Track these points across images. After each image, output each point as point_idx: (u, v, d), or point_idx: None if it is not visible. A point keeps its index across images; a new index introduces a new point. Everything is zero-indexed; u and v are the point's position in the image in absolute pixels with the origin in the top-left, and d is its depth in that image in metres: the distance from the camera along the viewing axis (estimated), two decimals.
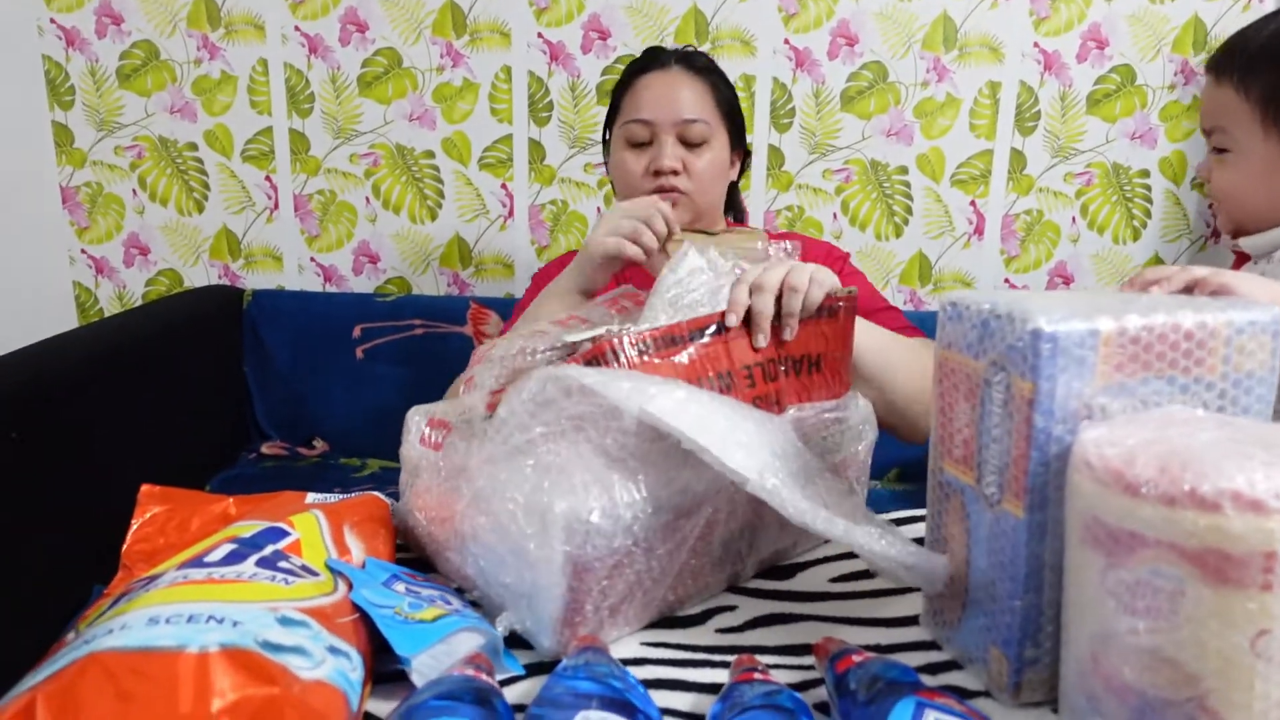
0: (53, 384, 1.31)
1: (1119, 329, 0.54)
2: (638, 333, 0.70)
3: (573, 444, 0.64)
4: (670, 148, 1.13)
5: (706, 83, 1.16)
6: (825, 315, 0.78)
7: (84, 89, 1.86)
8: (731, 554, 0.73)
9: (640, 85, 1.16)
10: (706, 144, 1.14)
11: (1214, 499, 0.44)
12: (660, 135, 1.13)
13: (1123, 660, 0.48)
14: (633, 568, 0.64)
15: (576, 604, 0.62)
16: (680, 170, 1.13)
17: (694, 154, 1.14)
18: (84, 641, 0.48)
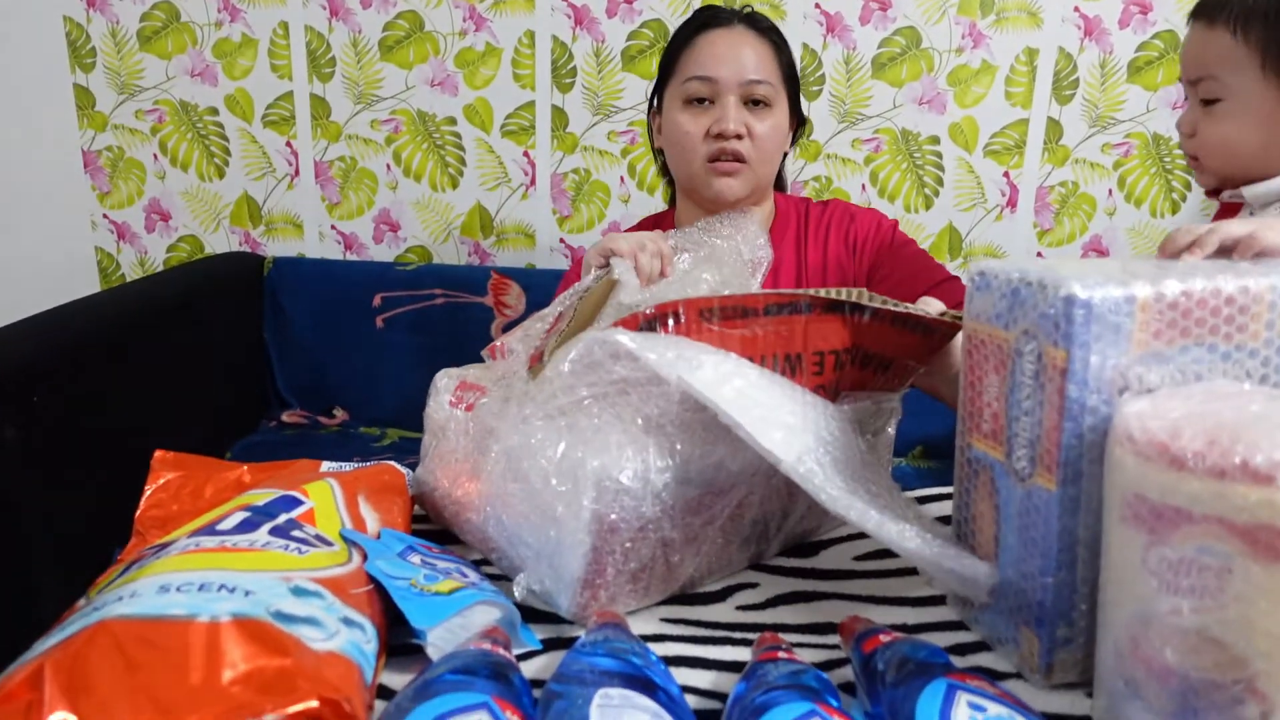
0: (74, 349, 1.31)
1: (1156, 294, 0.52)
2: (705, 298, 0.67)
3: (614, 407, 0.62)
4: (734, 110, 1.06)
5: (770, 44, 1.10)
6: (919, 330, 0.73)
7: (105, 51, 1.85)
8: (758, 533, 0.71)
9: (703, 41, 1.09)
10: (770, 108, 1.08)
11: (1268, 471, 0.42)
12: (723, 95, 1.06)
13: (1164, 642, 0.46)
14: (658, 535, 0.62)
15: (599, 565, 0.61)
16: (745, 134, 1.06)
17: (757, 118, 1.07)
18: (94, 609, 0.47)
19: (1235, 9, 0.78)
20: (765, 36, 1.10)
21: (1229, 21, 0.78)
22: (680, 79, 1.10)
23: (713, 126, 1.07)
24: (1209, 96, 0.81)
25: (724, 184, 1.08)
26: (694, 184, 1.11)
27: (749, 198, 1.11)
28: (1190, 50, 0.82)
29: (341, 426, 1.81)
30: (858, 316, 0.70)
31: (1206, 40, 0.80)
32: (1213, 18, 0.79)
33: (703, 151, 1.08)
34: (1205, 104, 0.82)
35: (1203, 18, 0.81)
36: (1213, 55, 0.79)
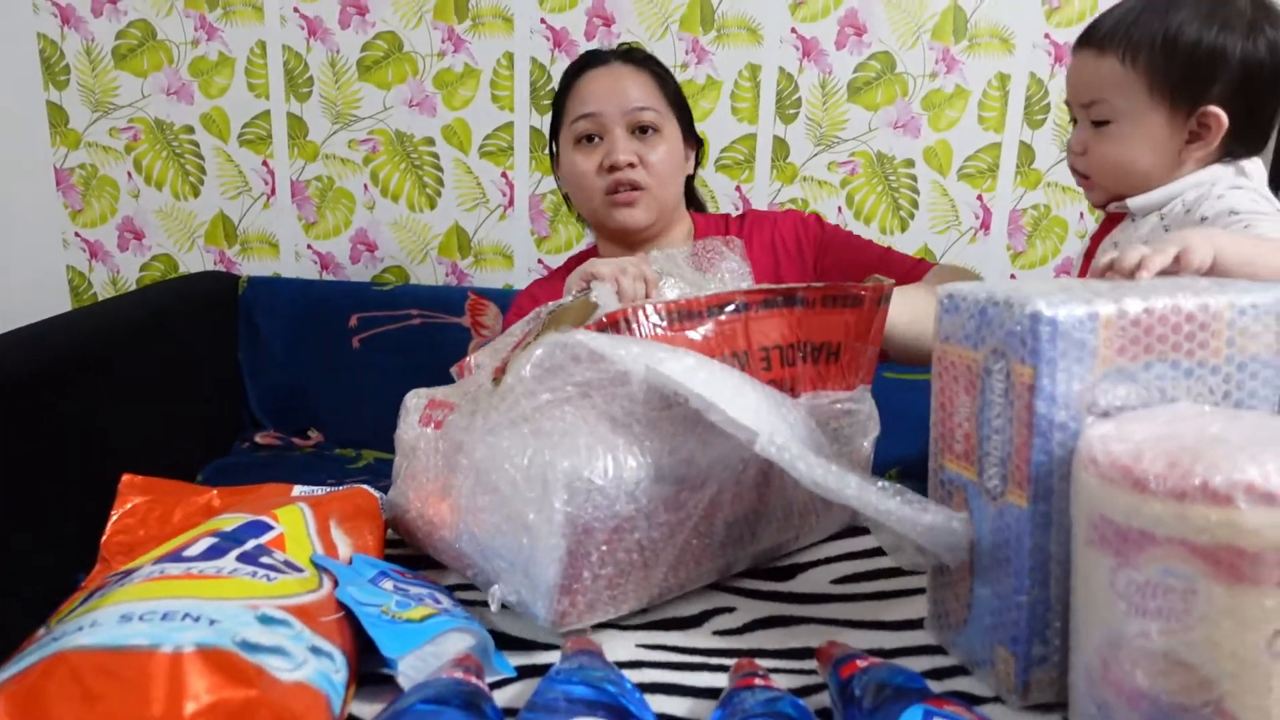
0: (44, 369, 1.29)
1: (1119, 311, 0.53)
2: (654, 304, 0.68)
3: (579, 409, 0.62)
4: (623, 140, 1.08)
5: (650, 73, 1.12)
6: (849, 304, 0.75)
7: (79, 68, 1.84)
8: (733, 539, 0.71)
9: (584, 81, 1.11)
10: (659, 133, 1.09)
11: (1226, 492, 0.42)
12: (610, 128, 1.08)
13: (1134, 665, 0.46)
14: (633, 535, 0.62)
15: (574, 570, 0.60)
16: (636, 163, 1.07)
17: (647, 145, 1.09)
18: (52, 639, 0.46)
19: (1123, 39, 0.83)
20: (644, 67, 1.13)
21: (1118, 50, 0.83)
22: (568, 120, 1.12)
23: (604, 160, 1.08)
24: (1100, 119, 0.86)
25: (625, 214, 1.09)
26: (598, 219, 1.13)
27: (655, 224, 1.12)
28: (1081, 76, 0.87)
29: (316, 448, 1.79)
30: (792, 308, 0.72)
31: (1097, 67, 0.85)
32: (1102, 46, 0.84)
33: (599, 186, 1.09)
34: (1096, 125, 0.87)
35: (1092, 46, 0.85)
36: (1103, 81, 0.84)
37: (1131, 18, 0.83)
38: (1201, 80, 0.82)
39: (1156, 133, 0.84)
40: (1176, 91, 0.82)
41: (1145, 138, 0.84)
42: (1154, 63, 0.81)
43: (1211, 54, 0.81)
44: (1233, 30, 0.80)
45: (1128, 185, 0.87)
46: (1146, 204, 0.88)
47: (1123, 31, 0.83)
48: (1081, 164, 0.90)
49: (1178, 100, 0.82)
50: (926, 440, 0.66)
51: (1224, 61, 0.80)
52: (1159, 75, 0.81)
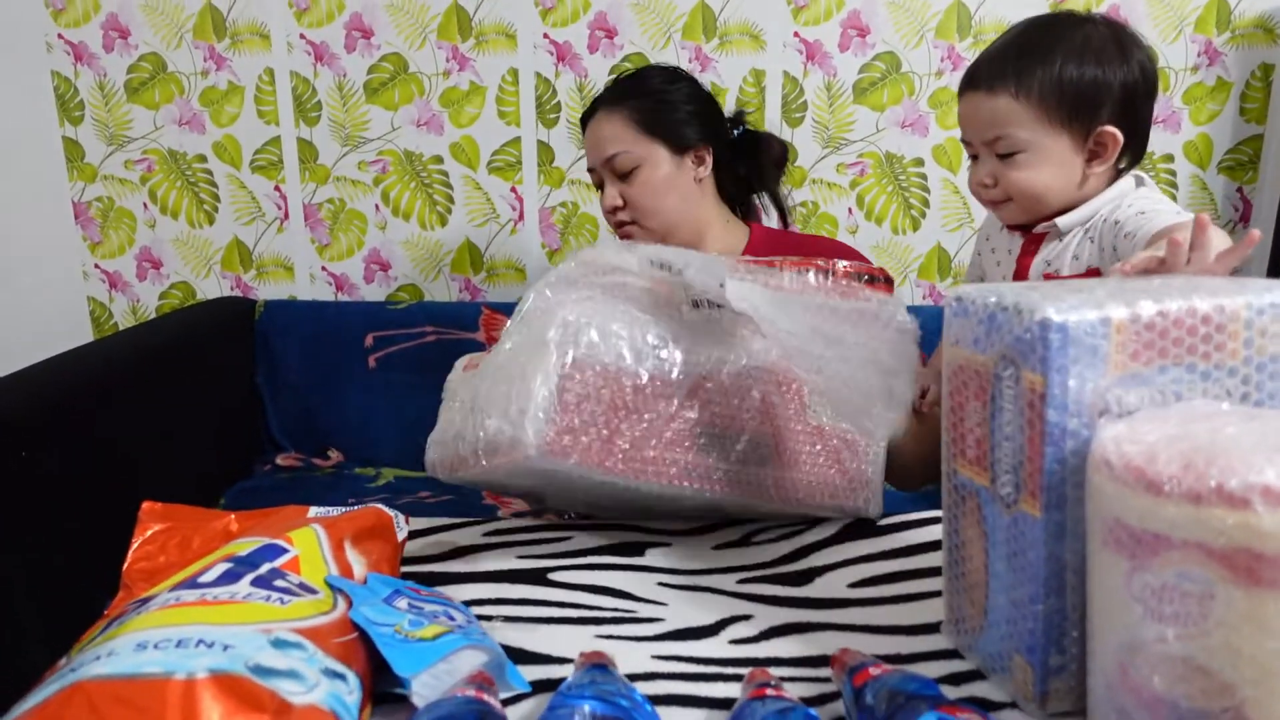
0: (67, 399, 1.31)
1: (1132, 316, 0.51)
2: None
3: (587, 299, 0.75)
4: (609, 188, 1.20)
5: (621, 111, 1.19)
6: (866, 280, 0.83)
7: (93, 103, 1.87)
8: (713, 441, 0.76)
9: (585, 137, 1.24)
10: (637, 169, 1.18)
11: (1243, 495, 0.41)
12: (603, 176, 1.21)
13: (1152, 670, 0.45)
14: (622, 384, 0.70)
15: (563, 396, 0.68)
16: (621, 205, 1.20)
17: (628, 184, 1.19)
18: (70, 669, 0.47)
19: (1011, 78, 0.90)
20: (617, 106, 1.20)
21: (1009, 88, 0.90)
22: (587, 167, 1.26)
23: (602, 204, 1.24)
24: (1006, 151, 0.92)
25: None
26: None
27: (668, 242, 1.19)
28: (978, 115, 0.93)
29: (336, 468, 1.81)
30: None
31: (992, 106, 0.91)
32: (991, 87, 0.91)
33: (609, 224, 1.25)
34: (1002, 157, 0.93)
35: (980, 88, 0.92)
36: (1001, 117, 0.91)
37: (1012, 58, 0.90)
38: (1091, 107, 0.90)
39: (1059, 156, 0.92)
40: (1070, 119, 0.90)
41: (1050, 161, 0.92)
42: (1045, 97, 0.89)
43: (1095, 84, 0.89)
44: (1110, 61, 0.89)
45: (1042, 205, 0.95)
46: (1071, 222, 0.95)
47: (1009, 71, 0.90)
48: (994, 194, 0.96)
49: (1073, 125, 0.90)
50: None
51: (1107, 88, 0.89)
52: (1051, 107, 0.89)
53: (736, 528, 0.86)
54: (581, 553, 0.81)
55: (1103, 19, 0.93)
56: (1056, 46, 0.90)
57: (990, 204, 0.99)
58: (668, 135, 1.19)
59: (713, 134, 1.23)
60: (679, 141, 1.20)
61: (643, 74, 1.25)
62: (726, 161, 1.26)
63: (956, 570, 0.64)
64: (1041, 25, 0.94)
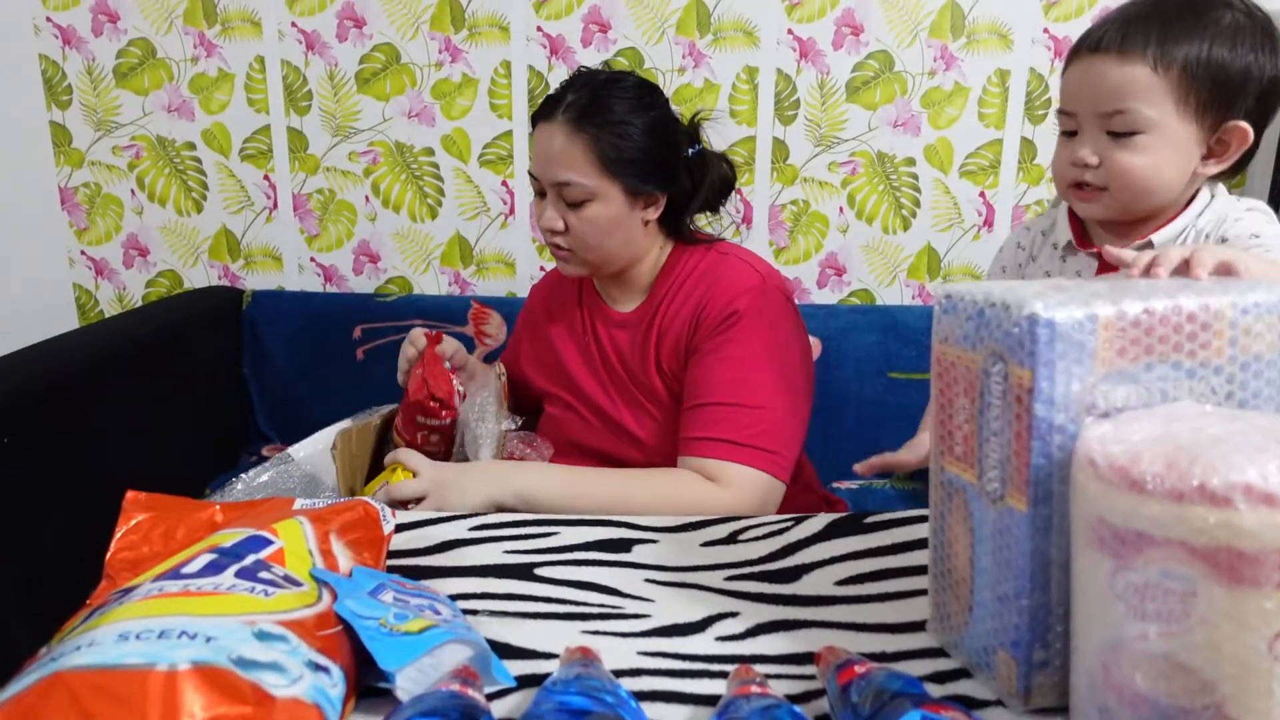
0: (52, 386, 1.30)
1: (1118, 313, 0.52)
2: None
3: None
4: (551, 209, 1.10)
5: (586, 138, 1.06)
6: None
7: (81, 88, 1.85)
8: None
9: (535, 135, 1.11)
10: (587, 202, 1.08)
11: (1225, 493, 0.42)
12: (547, 190, 1.11)
13: (1134, 668, 0.46)
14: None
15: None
16: (560, 229, 1.10)
17: (574, 213, 1.09)
18: (51, 659, 0.46)
19: (1154, 47, 0.79)
20: (582, 130, 1.06)
21: (1148, 59, 0.79)
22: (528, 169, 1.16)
23: (539, 218, 1.13)
24: (1125, 129, 0.81)
25: (562, 267, 1.15)
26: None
27: (599, 270, 1.15)
28: (1101, 83, 0.81)
29: None
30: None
31: (1123, 74, 0.80)
32: (1127, 54, 0.80)
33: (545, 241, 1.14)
34: (1115, 136, 0.82)
35: (1112, 52, 0.81)
36: (1131, 89, 0.80)
37: (1156, 27, 0.80)
38: (1231, 97, 0.80)
39: (1182, 145, 0.82)
40: (1206, 106, 0.80)
41: (1172, 149, 0.81)
42: (1190, 74, 0.79)
43: (1244, 72, 0.80)
44: (1261, 50, 0.80)
45: (1145, 199, 0.84)
46: (1166, 238, 0.86)
47: (1153, 40, 0.79)
48: (1096, 176, 0.84)
49: (1206, 114, 0.81)
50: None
51: (1254, 80, 0.80)
52: (1192, 88, 0.79)
53: (724, 525, 0.86)
54: (568, 548, 0.81)
55: (1245, 3, 0.82)
56: (1205, 23, 0.79)
57: (1079, 190, 0.86)
58: (625, 177, 1.08)
59: (670, 178, 1.13)
60: (635, 187, 1.10)
61: (610, 95, 1.08)
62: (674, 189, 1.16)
63: (942, 567, 0.64)
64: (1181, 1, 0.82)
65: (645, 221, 1.14)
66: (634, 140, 1.08)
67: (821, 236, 1.89)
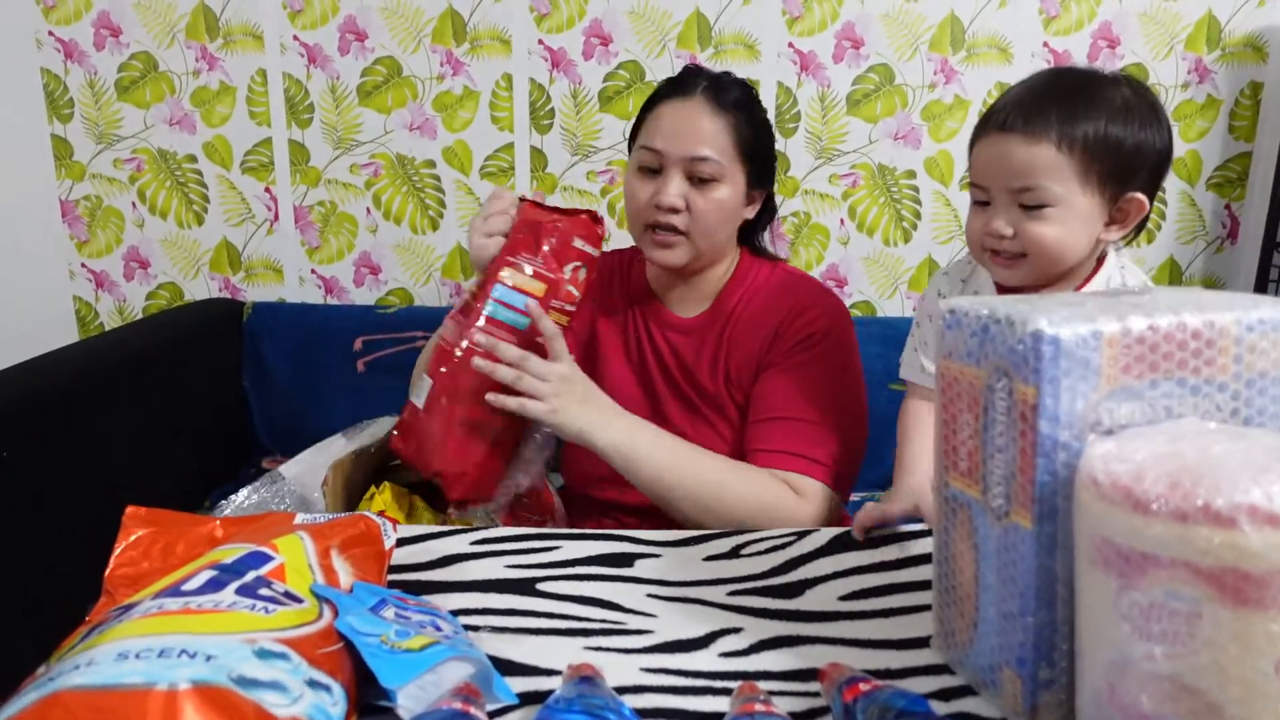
0: (52, 399, 1.30)
1: (1123, 329, 0.52)
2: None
3: None
4: (675, 183, 1.07)
5: (728, 120, 1.08)
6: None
7: (83, 101, 1.85)
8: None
9: (660, 111, 1.10)
10: (716, 183, 1.08)
11: (1229, 514, 0.42)
12: (669, 168, 1.08)
13: (1140, 689, 0.45)
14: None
15: None
16: (682, 209, 1.07)
17: (700, 192, 1.08)
18: (49, 678, 0.46)
19: (1057, 129, 0.85)
20: (724, 111, 1.07)
21: (1053, 139, 0.85)
22: (639, 145, 1.12)
23: (654, 196, 1.08)
24: (1035, 203, 0.87)
25: (659, 254, 1.10)
26: (639, 245, 1.14)
27: (689, 265, 1.12)
28: (1010, 161, 0.87)
29: None
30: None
31: (1031, 153, 0.85)
32: (1032, 132, 0.85)
33: (644, 218, 1.10)
34: (1027, 209, 0.88)
35: (1017, 133, 0.86)
36: (1039, 167, 0.86)
37: (1057, 108, 0.86)
38: (1129, 171, 0.87)
39: (1087, 216, 0.88)
40: (1106, 180, 0.87)
41: (1079, 220, 0.87)
42: (1090, 152, 0.85)
43: (1138, 148, 0.86)
44: (1150, 126, 0.87)
45: (1057, 266, 0.90)
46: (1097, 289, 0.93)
47: (1055, 121, 0.85)
48: (1011, 246, 0.89)
49: (1105, 187, 0.87)
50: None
51: (1147, 154, 0.87)
52: (1093, 164, 0.85)
53: (726, 539, 0.86)
54: (570, 563, 0.81)
55: (1131, 81, 0.89)
56: (1100, 102, 0.85)
57: (998, 258, 0.91)
58: (751, 165, 1.10)
59: (771, 178, 1.17)
60: (756, 178, 1.12)
61: (732, 85, 1.11)
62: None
63: (947, 583, 0.63)
64: (1078, 78, 0.88)
65: (743, 220, 1.15)
66: (759, 133, 1.12)
67: (823, 248, 1.89)
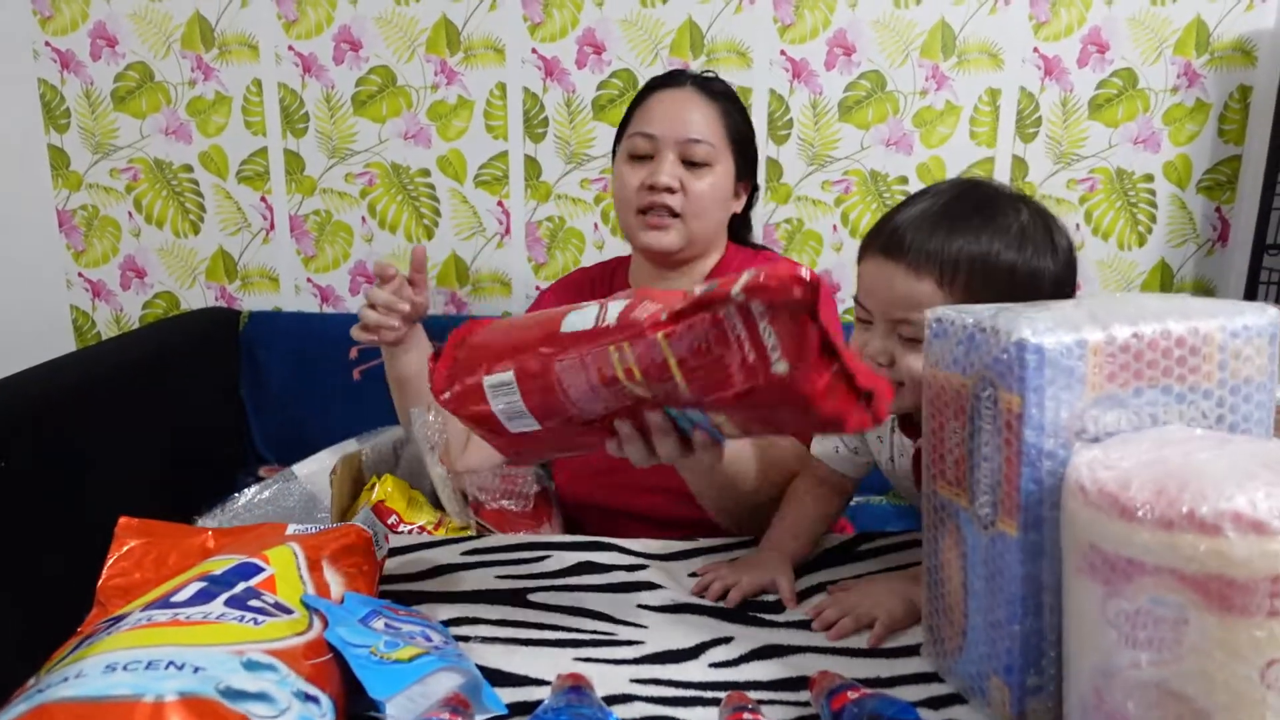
0: (48, 408, 1.30)
1: (1107, 338, 0.52)
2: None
3: None
4: (670, 165, 1.09)
5: (718, 108, 1.13)
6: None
7: (79, 111, 1.86)
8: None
9: (652, 100, 1.14)
10: (709, 166, 1.11)
11: (1214, 521, 0.42)
12: (662, 151, 1.10)
13: (1126, 695, 0.46)
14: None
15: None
16: (677, 189, 1.09)
17: (694, 174, 1.10)
18: (38, 690, 0.46)
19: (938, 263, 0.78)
20: (714, 100, 1.13)
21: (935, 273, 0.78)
22: (629, 133, 1.15)
23: (647, 178, 1.10)
24: (914, 335, 0.80)
25: (652, 236, 1.11)
26: (629, 233, 1.15)
27: (683, 251, 1.13)
28: (892, 291, 0.80)
29: None
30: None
31: (911, 287, 0.78)
32: (917, 268, 0.78)
33: (636, 202, 1.11)
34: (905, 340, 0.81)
35: (902, 264, 0.79)
36: (918, 302, 0.78)
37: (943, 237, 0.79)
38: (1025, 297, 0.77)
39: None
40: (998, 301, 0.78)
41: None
42: (972, 285, 0.78)
43: (1030, 274, 0.79)
44: (1042, 253, 0.80)
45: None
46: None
47: (939, 253, 0.78)
48: (892, 374, 0.81)
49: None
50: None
51: (1040, 280, 0.79)
52: (982, 292, 0.78)
53: (719, 553, 0.86)
54: (561, 573, 0.81)
55: (1031, 203, 0.83)
56: (994, 230, 0.79)
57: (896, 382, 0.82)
58: (739, 155, 1.15)
59: (755, 174, 1.21)
60: (741, 169, 1.16)
61: (720, 82, 1.17)
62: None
63: (936, 591, 0.64)
64: (972, 203, 0.82)
65: (739, 214, 1.19)
66: (745, 124, 1.17)
67: (815, 254, 1.90)
